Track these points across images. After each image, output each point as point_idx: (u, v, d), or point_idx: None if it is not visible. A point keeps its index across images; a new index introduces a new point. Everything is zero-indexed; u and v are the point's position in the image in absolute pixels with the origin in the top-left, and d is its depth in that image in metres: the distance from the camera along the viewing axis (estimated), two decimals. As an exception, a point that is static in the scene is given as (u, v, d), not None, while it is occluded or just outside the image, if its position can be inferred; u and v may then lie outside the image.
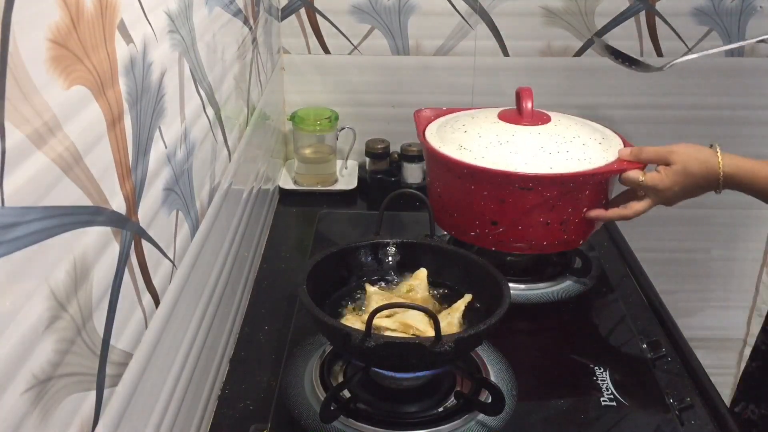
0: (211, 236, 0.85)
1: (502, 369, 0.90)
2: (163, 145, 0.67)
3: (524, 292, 1.09)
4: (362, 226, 1.34)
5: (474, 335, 0.77)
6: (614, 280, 1.15)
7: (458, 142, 1.05)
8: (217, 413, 0.87)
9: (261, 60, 1.24)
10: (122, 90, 0.56)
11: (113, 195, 0.54)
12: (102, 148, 0.52)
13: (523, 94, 1.07)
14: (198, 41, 0.80)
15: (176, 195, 0.71)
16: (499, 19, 1.45)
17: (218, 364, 0.90)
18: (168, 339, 0.68)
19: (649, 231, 1.60)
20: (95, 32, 0.51)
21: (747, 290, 1.71)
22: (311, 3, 1.44)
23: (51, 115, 0.44)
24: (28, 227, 0.41)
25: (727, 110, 1.53)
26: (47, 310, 0.44)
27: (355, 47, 1.48)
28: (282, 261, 1.22)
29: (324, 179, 1.47)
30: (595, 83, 1.50)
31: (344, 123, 1.49)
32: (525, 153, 1.01)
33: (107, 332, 0.54)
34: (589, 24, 1.46)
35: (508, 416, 0.83)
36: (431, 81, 1.50)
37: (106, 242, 0.53)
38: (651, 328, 1.03)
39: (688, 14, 1.45)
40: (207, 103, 0.85)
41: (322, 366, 0.89)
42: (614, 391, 0.88)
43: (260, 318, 1.05)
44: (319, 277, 0.87)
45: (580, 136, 1.04)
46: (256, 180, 1.18)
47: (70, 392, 0.48)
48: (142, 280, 0.62)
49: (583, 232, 1.06)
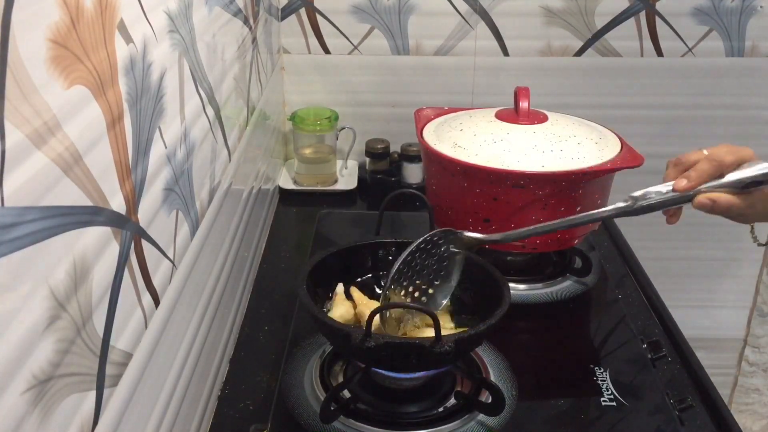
0: (211, 236, 0.85)
1: (502, 369, 0.90)
2: (163, 145, 0.67)
3: (524, 292, 1.09)
4: (362, 226, 1.34)
5: (474, 335, 0.77)
6: (614, 280, 1.15)
7: (453, 140, 1.05)
8: (217, 413, 0.87)
9: (261, 60, 1.24)
10: (122, 90, 0.56)
11: (113, 195, 0.54)
12: (102, 148, 0.52)
13: (521, 94, 1.07)
14: (198, 41, 0.80)
15: (176, 195, 0.71)
16: (499, 19, 1.45)
17: (218, 364, 0.90)
18: (168, 339, 0.68)
19: (649, 231, 1.60)
20: (95, 32, 0.51)
21: (747, 290, 1.71)
22: (311, 3, 1.45)
23: (51, 115, 0.44)
24: (27, 227, 0.41)
25: (727, 110, 1.53)
26: (47, 310, 0.44)
27: (355, 47, 1.48)
28: (282, 261, 1.22)
29: (324, 179, 1.47)
30: (595, 83, 1.50)
31: (344, 123, 1.49)
32: (518, 151, 1.01)
33: (107, 332, 0.54)
34: (589, 24, 1.46)
35: (508, 416, 0.83)
36: (431, 81, 1.50)
37: (106, 242, 0.53)
38: (651, 328, 1.03)
39: (688, 14, 1.45)
40: (207, 103, 0.84)
41: (322, 366, 0.90)
42: (614, 391, 0.88)
43: (260, 318, 1.05)
44: (319, 277, 0.87)
45: (575, 136, 1.04)
46: (256, 180, 1.18)
47: (70, 392, 0.48)
48: (142, 280, 0.62)
49: (577, 231, 1.06)
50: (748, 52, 1.48)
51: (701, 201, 0.80)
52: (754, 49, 1.47)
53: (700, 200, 0.80)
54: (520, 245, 1.05)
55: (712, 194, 0.80)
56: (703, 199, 0.80)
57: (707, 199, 0.80)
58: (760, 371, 1.78)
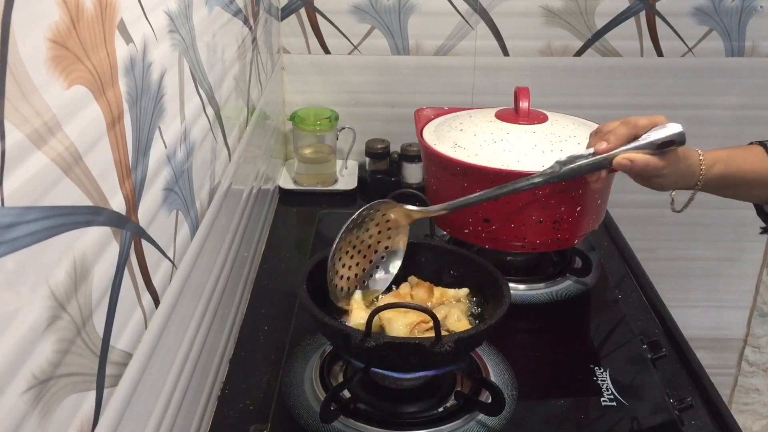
0: (211, 236, 0.85)
1: (502, 369, 0.90)
2: (163, 145, 0.67)
3: (524, 292, 1.09)
4: (362, 226, 1.33)
5: (474, 335, 0.77)
6: (614, 280, 1.15)
7: (453, 140, 1.05)
8: (217, 413, 0.87)
9: (261, 60, 1.24)
10: (122, 90, 0.56)
11: (113, 195, 0.54)
12: (102, 148, 0.52)
13: (520, 94, 1.07)
14: (198, 41, 0.80)
15: (176, 195, 0.71)
16: (499, 19, 1.45)
17: (218, 364, 0.90)
18: (168, 339, 0.68)
19: (650, 231, 1.60)
20: (95, 32, 0.51)
21: (747, 290, 1.71)
22: (311, 3, 1.45)
23: (51, 115, 0.44)
24: (28, 227, 0.41)
25: (727, 110, 1.53)
26: (47, 310, 0.44)
27: (355, 47, 1.48)
28: (282, 261, 1.22)
29: (324, 179, 1.47)
30: (595, 83, 1.50)
31: (344, 123, 1.49)
32: (518, 151, 1.01)
33: (107, 332, 0.54)
34: (589, 24, 1.46)
35: (508, 416, 0.83)
36: (431, 81, 1.50)
37: (105, 242, 0.53)
38: (651, 328, 1.03)
39: (688, 14, 1.45)
40: (207, 103, 0.84)
41: (322, 366, 0.90)
42: (614, 391, 0.88)
43: (260, 318, 1.05)
44: (319, 277, 0.87)
45: (575, 136, 1.04)
46: (256, 180, 1.18)
47: (70, 392, 0.47)
48: (142, 280, 0.62)
49: (576, 231, 1.06)
50: (748, 52, 1.48)
51: (620, 161, 0.85)
52: (754, 49, 1.47)
53: (619, 161, 0.85)
54: (520, 245, 1.05)
55: (630, 154, 0.85)
56: (621, 160, 0.85)
57: (626, 160, 0.85)
58: (760, 371, 1.78)
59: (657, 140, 0.84)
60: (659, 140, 0.84)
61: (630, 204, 1.52)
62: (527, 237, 1.04)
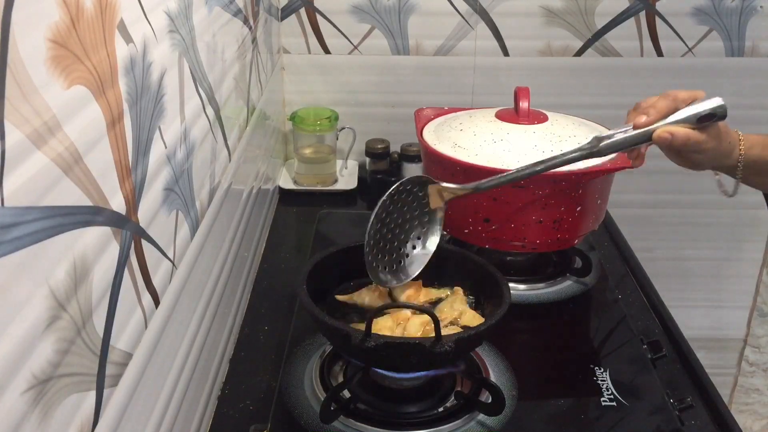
0: (211, 236, 0.85)
1: (502, 369, 0.90)
2: (163, 145, 0.67)
3: (524, 292, 1.09)
4: (362, 226, 1.33)
5: (474, 335, 0.77)
6: (614, 280, 1.15)
7: (453, 140, 1.05)
8: (217, 413, 0.87)
9: (261, 60, 1.24)
10: (122, 90, 0.56)
11: (113, 195, 0.54)
12: (102, 148, 0.52)
13: (521, 94, 1.07)
14: (198, 41, 0.80)
15: (176, 195, 0.71)
16: (499, 19, 1.45)
17: (218, 364, 0.90)
18: (168, 339, 0.68)
19: (650, 231, 1.60)
20: (95, 32, 0.51)
21: (747, 290, 1.71)
22: (311, 3, 1.45)
23: (51, 115, 0.44)
24: (28, 227, 0.41)
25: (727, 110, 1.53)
26: (47, 310, 0.44)
27: (355, 47, 1.48)
28: (282, 261, 1.22)
29: (324, 179, 1.47)
30: (595, 83, 1.50)
31: (344, 123, 1.49)
32: (518, 151, 1.01)
33: (107, 332, 0.54)
34: (589, 24, 1.46)
35: (508, 416, 0.83)
36: (431, 81, 1.50)
37: (105, 242, 0.53)
38: (651, 328, 1.03)
39: (688, 14, 1.45)
40: (207, 103, 0.85)
41: (322, 366, 0.90)
42: (614, 391, 0.88)
43: (260, 318, 1.05)
44: (319, 277, 0.87)
45: (575, 136, 1.04)
46: (256, 180, 1.18)
47: (70, 392, 0.48)
48: (142, 280, 0.62)
49: (576, 231, 1.06)
50: (748, 52, 1.48)
51: (660, 135, 0.82)
52: (754, 49, 1.47)
53: (659, 134, 0.82)
54: (520, 245, 1.05)
55: (670, 127, 0.82)
56: (662, 133, 0.82)
57: (666, 133, 0.81)
58: (760, 371, 1.78)
59: (698, 113, 0.81)
60: (701, 113, 0.81)
61: (630, 204, 1.53)
62: (527, 237, 1.04)
